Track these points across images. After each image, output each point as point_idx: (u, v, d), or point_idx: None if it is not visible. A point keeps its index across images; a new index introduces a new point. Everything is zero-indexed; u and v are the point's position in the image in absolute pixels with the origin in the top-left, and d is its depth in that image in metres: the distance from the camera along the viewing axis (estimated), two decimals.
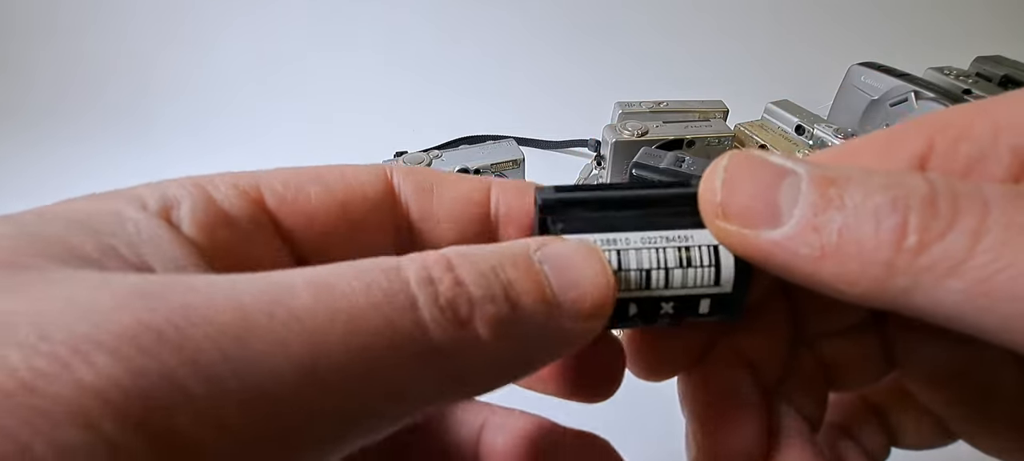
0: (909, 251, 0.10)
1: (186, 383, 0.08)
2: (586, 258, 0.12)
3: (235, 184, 0.14)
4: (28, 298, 0.08)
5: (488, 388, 0.11)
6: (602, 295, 0.12)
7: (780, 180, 0.12)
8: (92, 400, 0.07)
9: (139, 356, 0.08)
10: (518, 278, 0.11)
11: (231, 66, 0.91)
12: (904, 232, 0.11)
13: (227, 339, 0.08)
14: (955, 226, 0.10)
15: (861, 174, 0.12)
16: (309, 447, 0.09)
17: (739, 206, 0.13)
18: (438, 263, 0.10)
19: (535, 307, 0.11)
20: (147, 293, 0.08)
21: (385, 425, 0.10)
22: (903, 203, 0.11)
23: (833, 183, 0.12)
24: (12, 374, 0.07)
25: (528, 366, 0.12)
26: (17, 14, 0.93)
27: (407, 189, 0.16)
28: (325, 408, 0.09)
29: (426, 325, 0.10)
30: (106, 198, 0.12)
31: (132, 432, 0.07)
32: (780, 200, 0.12)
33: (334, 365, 0.09)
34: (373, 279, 0.10)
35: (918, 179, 0.11)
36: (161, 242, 0.11)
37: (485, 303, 0.10)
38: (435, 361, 0.10)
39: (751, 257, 0.13)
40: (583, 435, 0.17)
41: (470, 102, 0.87)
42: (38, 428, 0.07)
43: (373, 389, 0.09)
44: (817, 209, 0.11)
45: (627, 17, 0.98)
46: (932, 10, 1.00)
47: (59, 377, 0.07)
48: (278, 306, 0.09)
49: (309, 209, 0.14)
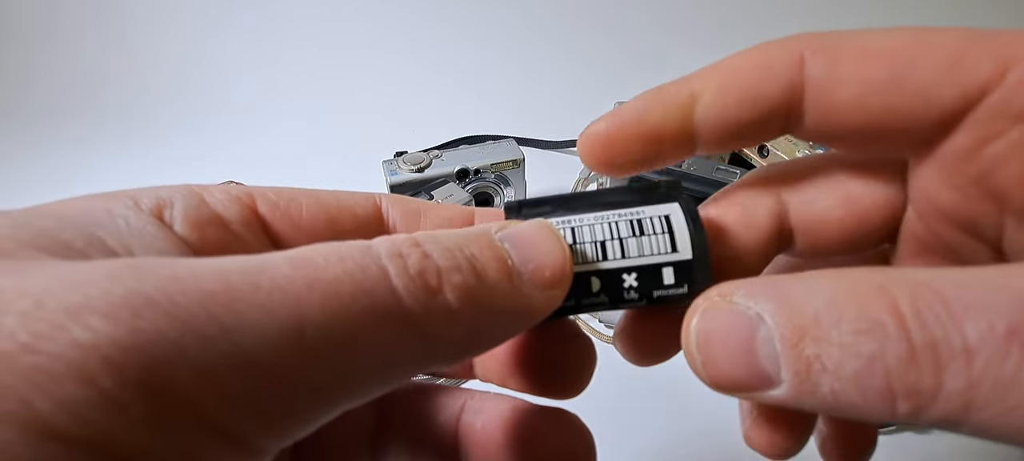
0: (905, 414, 0.10)
1: (180, 342, 0.08)
2: (542, 232, 0.13)
3: (228, 191, 0.14)
4: (19, 276, 0.08)
5: (458, 356, 0.12)
6: (559, 264, 0.13)
7: (753, 337, 0.12)
8: (91, 357, 0.07)
9: (133, 319, 0.08)
10: (481, 252, 0.12)
11: (231, 66, 0.91)
12: (892, 398, 0.10)
13: (216, 305, 0.08)
14: (943, 387, 0.10)
15: (829, 313, 0.11)
16: (297, 406, 0.09)
17: (728, 382, 0.12)
18: (406, 241, 0.11)
19: (498, 278, 0.12)
20: (135, 267, 0.09)
21: (365, 389, 0.11)
22: (881, 363, 0.10)
23: (805, 334, 0.11)
24: (11, 337, 0.07)
25: (495, 335, 0.13)
26: (17, 15, 0.93)
27: (395, 214, 0.16)
28: (310, 369, 0.09)
29: (399, 292, 0.10)
30: (101, 197, 0.12)
31: (131, 387, 0.08)
32: (762, 363, 0.12)
33: (316, 329, 0.09)
34: (346, 253, 0.10)
35: (891, 324, 0.10)
36: (150, 237, 0.12)
37: (452, 273, 0.11)
38: (409, 326, 0.10)
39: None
40: (554, 410, 0.18)
41: (470, 102, 0.87)
42: (39, 384, 0.07)
43: (353, 352, 0.10)
44: (801, 377, 0.11)
45: (627, 17, 0.98)
46: (933, 10, 1.00)
47: (57, 338, 0.07)
48: (261, 276, 0.09)
49: (298, 219, 0.15)
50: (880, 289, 0.11)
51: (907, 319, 0.10)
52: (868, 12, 1.00)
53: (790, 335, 0.11)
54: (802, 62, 0.14)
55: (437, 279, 0.11)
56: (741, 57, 0.15)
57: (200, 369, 0.08)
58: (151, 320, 0.08)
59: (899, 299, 0.10)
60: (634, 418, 0.41)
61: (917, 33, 0.14)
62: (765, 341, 0.11)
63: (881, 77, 0.13)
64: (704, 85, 0.15)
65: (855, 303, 0.11)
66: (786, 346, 0.11)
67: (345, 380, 0.10)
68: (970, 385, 0.10)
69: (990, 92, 0.12)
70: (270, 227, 0.15)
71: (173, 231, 0.12)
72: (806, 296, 0.11)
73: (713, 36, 0.98)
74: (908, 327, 0.10)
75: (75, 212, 0.11)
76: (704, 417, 0.40)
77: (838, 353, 0.11)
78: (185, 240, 0.12)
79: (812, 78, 0.14)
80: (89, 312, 0.08)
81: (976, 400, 0.10)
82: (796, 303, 0.11)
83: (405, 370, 0.11)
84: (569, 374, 0.18)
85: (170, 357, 0.08)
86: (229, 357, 0.08)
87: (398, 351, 0.10)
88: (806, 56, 0.14)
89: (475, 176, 0.56)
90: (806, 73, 0.14)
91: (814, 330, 0.11)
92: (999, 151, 0.13)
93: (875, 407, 0.10)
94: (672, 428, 0.40)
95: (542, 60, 0.94)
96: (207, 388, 0.08)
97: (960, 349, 0.10)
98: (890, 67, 0.13)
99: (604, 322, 0.47)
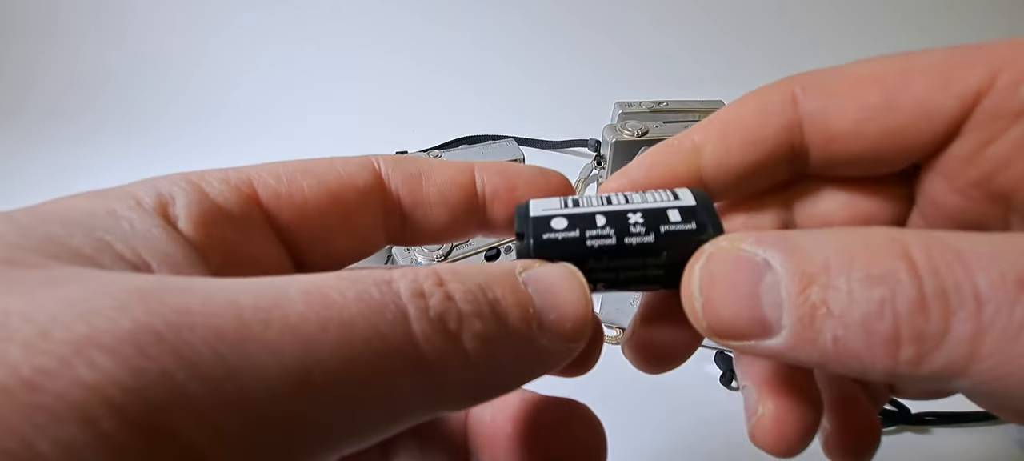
0: (907, 362, 0.10)
1: (184, 385, 0.08)
2: (568, 281, 0.13)
3: (226, 180, 0.14)
4: (27, 297, 0.08)
5: (470, 403, 0.12)
6: (582, 315, 0.12)
7: (758, 282, 0.12)
8: (94, 398, 0.07)
9: (138, 357, 0.08)
10: (504, 296, 0.11)
11: (231, 66, 0.91)
12: (898, 343, 0.10)
13: (224, 344, 0.08)
14: (950, 331, 0.10)
15: (840, 260, 0.11)
16: (301, 451, 0.09)
17: (725, 327, 0.12)
18: (429, 278, 0.11)
19: (519, 325, 0.11)
20: (145, 295, 0.08)
21: (373, 433, 0.10)
22: (890, 307, 0.10)
23: (813, 280, 0.11)
24: (14, 372, 0.07)
25: (508, 383, 0.12)
26: (17, 15, 0.93)
27: (396, 178, 0.16)
28: (316, 415, 0.09)
29: (416, 337, 0.10)
30: (101, 196, 0.12)
31: (131, 431, 0.07)
32: (765, 310, 0.12)
33: (325, 373, 0.09)
34: (365, 289, 0.10)
35: (903, 271, 0.10)
36: (156, 239, 0.11)
37: (473, 318, 0.11)
38: (422, 373, 0.10)
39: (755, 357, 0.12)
40: (565, 401, 0.18)
41: (470, 102, 0.87)
42: (41, 425, 0.07)
43: (362, 398, 0.09)
44: (805, 321, 0.11)
45: (627, 16, 0.98)
46: (933, 9, 1.00)
47: (61, 375, 0.07)
48: (273, 313, 0.09)
49: (301, 201, 0.15)
50: (894, 241, 0.11)
51: (920, 267, 0.10)
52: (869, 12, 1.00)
53: (798, 281, 0.11)
54: (795, 100, 0.15)
55: (457, 324, 0.10)
56: (737, 105, 0.16)
57: (203, 415, 0.08)
58: (156, 359, 0.08)
59: (912, 249, 0.10)
60: (637, 417, 0.41)
61: (903, 57, 0.14)
62: (770, 287, 0.11)
63: (876, 102, 0.14)
64: (705, 136, 0.16)
65: (867, 252, 0.11)
66: (793, 291, 0.11)
67: (349, 425, 0.10)
68: (978, 332, 0.10)
69: (984, 97, 0.13)
70: (274, 217, 0.14)
71: (178, 230, 0.12)
72: (817, 245, 0.11)
73: (713, 37, 0.98)
74: (920, 274, 0.10)
75: (79, 213, 0.11)
76: (709, 411, 0.40)
77: (846, 298, 0.11)
78: (190, 239, 0.12)
79: (808, 113, 0.15)
80: (94, 347, 0.08)
81: (981, 348, 0.10)
82: (806, 251, 0.11)
83: (412, 415, 0.11)
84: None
85: (173, 400, 0.08)
86: (233, 404, 0.08)
87: (407, 396, 0.10)
88: (797, 93, 0.15)
89: None
90: (801, 109, 0.15)
91: (823, 277, 0.11)
92: (1000, 152, 0.13)
93: (877, 355, 0.10)
94: (676, 425, 0.40)
95: (542, 60, 0.94)
96: (208, 435, 0.08)
97: (970, 296, 0.10)
98: (883, 91, 0.14)
99: (606, 322, 0.47)
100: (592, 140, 0.70)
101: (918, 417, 0.39)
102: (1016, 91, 0.13)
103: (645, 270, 0.14)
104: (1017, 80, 0.13)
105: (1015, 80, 0.13)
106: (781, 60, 0.95)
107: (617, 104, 0.66)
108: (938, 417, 0.39)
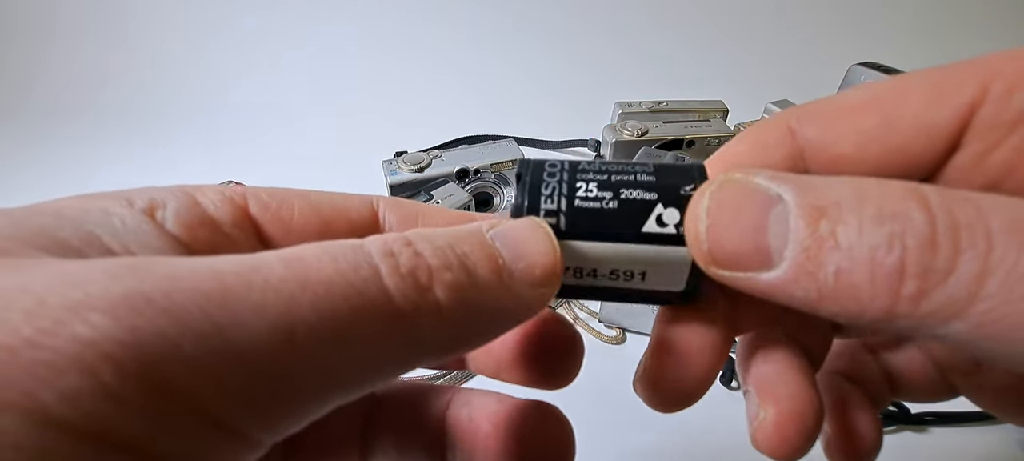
0: (908, 298, 0.10)
1: (177, 340, 0.08)
2: (534, 231, 0.13)
3: (222, 192, 0.14)
4: (23, 275, 0.09)
5: (446, 352, 0.12)
6: (550, 261, 0.13)
7: (766, 213, 0.12)
8: (91, 351, 0.08)
9: (132, 316, 0.08)
10: (472, 250, 0.12)
11: (231, 67, 0.91)
12: (903, 277, 0.10)
13: (210, 304, 0.09)
14: (957, 269, 0.10)
15: (853, 199, 0.11)
16: (288, 401, 0.10)
17: (727, 253, 0.12)
18: (397, 240, 0.11)
19: (489, 276, 0.12)
20: (134, 266, 0.09)
21: (355, 386, 0.11)
22: (900, 241, 0.10)
23: (824, 214, 0.11)
24: (15, 332, 0.08)
25: (485, 332, 0.13)
26: (17, 15, 0.93)
27: (392, 218, 0.17)
28: (300, 366, 0.09)
29: (389, 291, 0.10)
30: (95, 197, 0.12)
31: (130, 380, 0.08)
32: (769, 240, 0.12)
33: (308, 328, 0.09)
34: (339, 252, 0.11)
35: (917, 210, 0.10)
36: (144, 235, 0.12)
37: (443, 271, 0.11)
38: (398, 325, 0.11)
39: (749, 293, 0.13)
40: (537, 403, 0.18)
41: (470, 102, 0.87)
42: (42, 377, 0.07)
43: (342, 350, 0.10)
44: (809, 252, 0.11)
45: (627, 17, 0.98)
46: (933, 9, 1.00)
47: (59, 333, 0.08)
48: (255, 275, 0.09)
49: (290, 221, 0.15)
50: (911, 189, 0.11)
51: (934, 208, 0.10)
52: (869, 12, 1.00)
53: (809, 213, 0.11)
54: (792, 132, 0.15)
55: (428, 277, 0.11)
56: (735, 143, 0.16)
57: (196, 364, 0.08)
58: (149, 318, 0.08)
59: (928, 194, 0.11)
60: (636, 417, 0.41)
61: (894, 80, 0.15)
62: (778, 218, 0.12)
63: (874, 124, 0.14)
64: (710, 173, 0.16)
65: (881, 193, 0.11)
66: (801, 223, 0.11)
67: (335, 377, 0.10)
68: (984, 271, 0.10)
69: (979, 108, 0.13)
70: (262, 229, 0.15)
71: (165, 230, 0.13)
72: (831, 185, 0.11)
73: (713, 37, 0.98)
74: (934, 213, 0.10)
75: (73, 211, 0.11)
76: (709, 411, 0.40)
77: (856, 232, 0.11)
78: (177, 239, 0.13)
79: (808, 141, 0.15)
80: (90, 309, 0.08)
81: (984, 288, 0.10)
82: (819, 188, 0.11)
83: (394, 367, 0.11)
84: (559, 365, 0.18)
85: (167, 353, 0.08)
86: (223, 353, 0.09)
87: (387, 348, 0.11)
88: (793, 126, 0.15)
89: (475, 176, 0.56)
90: (801, 139, 0.15)
91: (834, 211, 0.11)
92: (1002, 159, 0.13)
93: (878, 290, 0.10)
94: (676, 425, 0.40)
95: (542, 60, 0.94)
96: (202, 382, 0.08)
97: (982, 235, 0.10)
98: (880, 112, 0.14)
99: (604, 322, 0.47)
100: (592, 140, 0.70)
101: (918, 417, 0.39)
102: (1010, 100, 0.13)
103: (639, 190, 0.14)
104: (1010, 89, 0.13)
105: (1008, 89, 0.13)
106: (781, 61, 0.95)
107: (617, 104, 0.66)
108: (938, 417, 0.39)
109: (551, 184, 0.14)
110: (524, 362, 0.18)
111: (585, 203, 0.14)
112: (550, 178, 0.14)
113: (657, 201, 0.13)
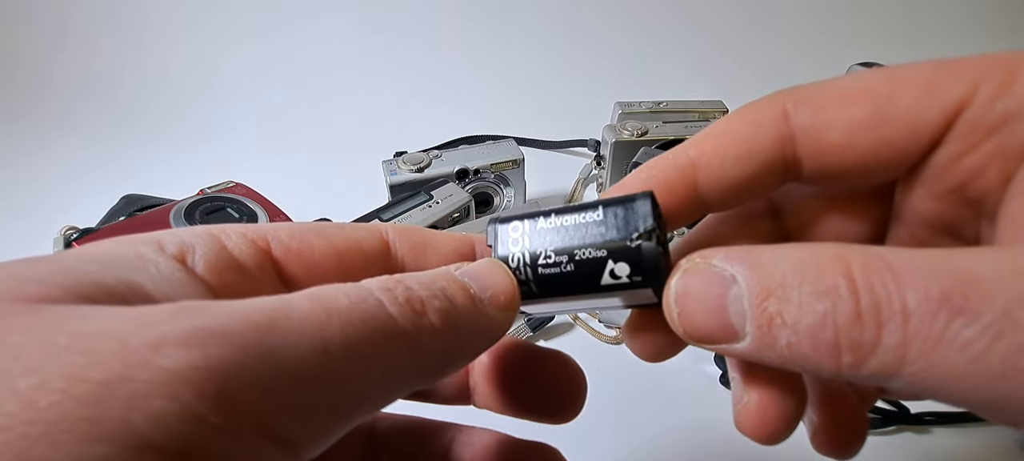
0: (848, 365, 0.12)
1: (241, 361, 0.10)
2: (493, 267, 0.16)
3: (244, 234, 0.16)
4: (95, 324, 0.10)
5: (444, 367, 0.14)
6: (510, 290, 0.16)
7: (726, 294, 0.13)
8: (174, 379, 0.09)
9: (202, 346, 0.10)
10: (449, 284, 0.14)
11: (231, 66, 0.91)
12: (838, 351, 0.12)
13: (262, 332, 0.11)
14: (881, 341, 0.11)
15: (793, 275, 0.12)
16: (327, 410, 0.11)
17: (700, 333, 0.14)
18: (391, 278, 0.14)
19: (466, 304, 0.14)
20: (192, 308, 0.11)
21: (376, 399, 0.13)
22: (832, 320, 0.12)
23: (770, 294, 0.12)
24: (109, 370, 0.09)
25: (471, 347, 0.15)
26: (28, 17, 0.93)
27: (402, 246, 0.18)
28: (335, 379, 0.11)
29: (393, 315, 0.13)
30: (129, 241, 0.14)
31: (208, 401, 0.09)
32: (731, 318, 0.13)
33: (338, 345, 0.11)
34: (350, 289, 0.13)
35: (844, 286, 0.12)
36: (179, 282, 0.14)
37: (432, 300, 0.14)
38: (405, 340, 0.13)
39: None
40: (537, 445, 0.20)
41: (470, 102, 0.87)
42: (136, 406, 0.09)
43: (366, 365, 0.12)
44: (763, 330, 0.13)
45: (627, 17, 0.98)
46: (933, 10, 1.00)
47: (147, 366, 0.09)
48: (290, 309, 0.11)
49: (310, 259, 0.17)
50: (839, 259, 0.12)
51: (858, 283, 0.12)
52: (868, 12, 1.00)
53: (758, 294, 0.13)
54: (786, 115, 0.16)
55: (421, 305, 0.13)
56: (729, 120, 0.17)
57: (256, 381, 0.10)
58: (216, 347, 0.10)
59: (853, 266, 0.12)
60: (638, 416, 0.41)
61: (888, 71, 0.15)
62: (735, 299, 0.13)
63: (865, 114, 0.15)
64: (700, 150, 0.17)
65: (816, 269, 0.12)
66: (753, 303, 0.13)
67: (361, 389, 0.12)
68: (904, 341, 0.11)
69: (965, 109, 0.14)
70: (284, 269, 0.16)
71: (196, 275, 0.14)
72: (776, 261, 0.13)
73: (713, 37, 0.98)
74: (858, 290, 0.12)
75: (113, 257, 0.13)
76: (708, 411, 0.40)
77: (797, 310, 0.12)
78: (206, 283, 0.14)
79: (800, 127, 0.16)
80: (166, 345, 0.09)
81: (908, 354, 0.11)
82: (766, 266, 0.13)
83: (404, 381, 0.13)
84: (563, 401, 0.20)
85: (234, 374, 0.10)
86: (276, 370, 0.10)
87: (398, 363, 0.13)
88: (788, 108, 0.16)
89: (475, 176, 0.56)
90: (793, 123, 0.16)
91: (779, 291, 0.12)
92: (976, 162, 0.14)
93: (823, 359, 0.12)
94: (676, 425, 0.40)
95: (542, 60, 0.94)
96: (262, 396, 0.10)
97: (899, 310, 0.11)
98: (872, 104, 0.15)
99: (604, 322, 0.47)
100: (592, 140, 0.70)
101: (918, 417, 0.39)
102: (994, 105, 0.14)
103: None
104: (995, 94, 0.14)
105: (994, 94, 0.14)
106: (780, 61, 0.96)
107: (617, 104, 0.66)
108: (938, 417, 0.40)
109: (515, 255, 0.16)
110: (528, 398, 0.19)
111: (546, 270, 0.16)
112: (514, 247, 0.16)
113: (607, 258, 0.15)
